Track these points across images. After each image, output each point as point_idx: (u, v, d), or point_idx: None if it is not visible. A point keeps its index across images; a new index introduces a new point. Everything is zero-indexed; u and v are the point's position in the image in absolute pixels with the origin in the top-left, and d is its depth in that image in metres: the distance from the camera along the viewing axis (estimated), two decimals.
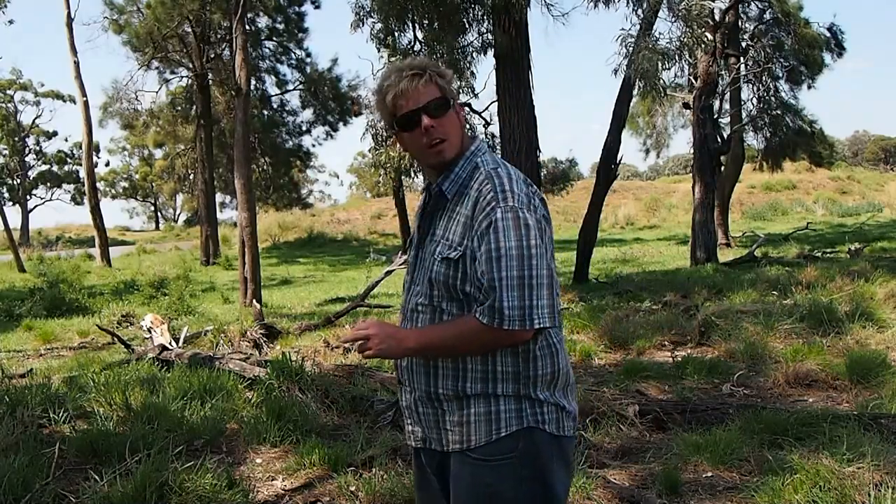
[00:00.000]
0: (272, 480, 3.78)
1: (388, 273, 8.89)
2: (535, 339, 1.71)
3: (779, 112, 18.38)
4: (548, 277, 1.66)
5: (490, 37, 11.31)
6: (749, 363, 5.59)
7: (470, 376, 1.73)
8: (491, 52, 11.31)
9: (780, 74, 18.26)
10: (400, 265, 8.47)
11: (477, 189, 1.70)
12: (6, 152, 43.46)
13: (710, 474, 3.53)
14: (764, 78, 17.80)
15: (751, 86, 18.28)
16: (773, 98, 18.30)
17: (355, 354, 6.44)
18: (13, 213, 50.73)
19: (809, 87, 18.35)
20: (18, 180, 44.63)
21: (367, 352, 1.71)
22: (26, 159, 45.22)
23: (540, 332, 1.70)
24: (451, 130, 1.77)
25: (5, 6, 20.10)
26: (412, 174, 16.23)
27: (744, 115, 18.53)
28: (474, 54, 11.80)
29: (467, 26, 11.41)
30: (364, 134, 12.64)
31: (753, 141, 20.36)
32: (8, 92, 41.49)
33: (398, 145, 1.90)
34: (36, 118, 44.45)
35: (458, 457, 1.77)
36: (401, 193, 22.02)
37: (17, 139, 43.31)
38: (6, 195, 43.50)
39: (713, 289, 9.11)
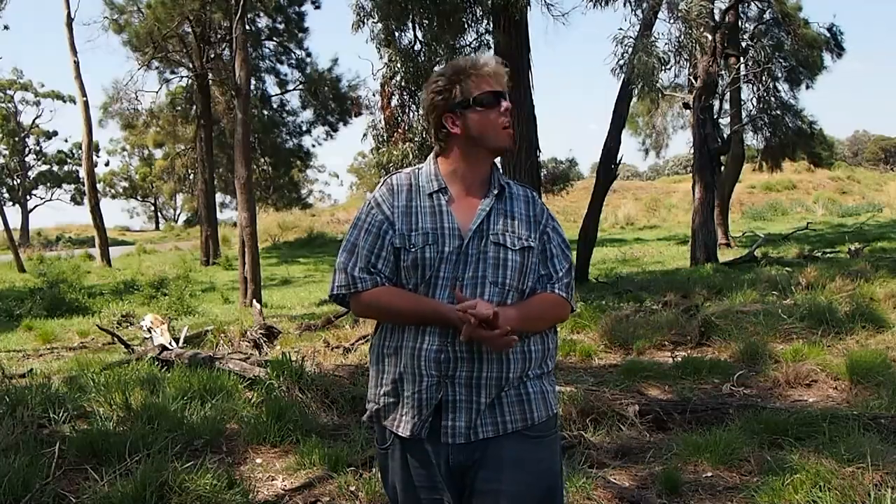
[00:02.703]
0: (272, 480, 3.78)
1: None
2: None
3: (778, 112, 18.39)
4: None
5: (489, 37, 11.31)
6: (749, 363, 5.58)
7: (533, 357, 1.85)
8: (490, 52, 11.30)
9: (780, 74, 18.26)
10: None
11: (525, 193, 1.92)
12: (6, 152, 43.48)
13: (710, 474, 3.52)
14: (764, 78, 17.79)
15: (751, 86, 18.29)
16: (772, 98, 18.30)
17: (355, 354, 6.43)
18: (13, 213, 50.75)
19: (809, 88, 18.39)
20: (18, 180, 44.64)
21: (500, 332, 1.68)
22: (26, 159, 45.23)
23: None
24: None
25: (4, 7, 20.09)
26: None
27: (744, 115, 18.53)
28: (473, 54, 11.77)
29: (467, 26, 11.40)
30: (364, 134, 12.61)
31: (753, 141, 20.39)
32: (8, 92, 41.51)
33: (455, 124, 1.86)
34: (36, 118, 44.56)
35: (516, 437, 1.81)
36: None
37: (17, 139, 43.31)
38: (6, 195, 43.49)
39: (713, 289, 9.10)
